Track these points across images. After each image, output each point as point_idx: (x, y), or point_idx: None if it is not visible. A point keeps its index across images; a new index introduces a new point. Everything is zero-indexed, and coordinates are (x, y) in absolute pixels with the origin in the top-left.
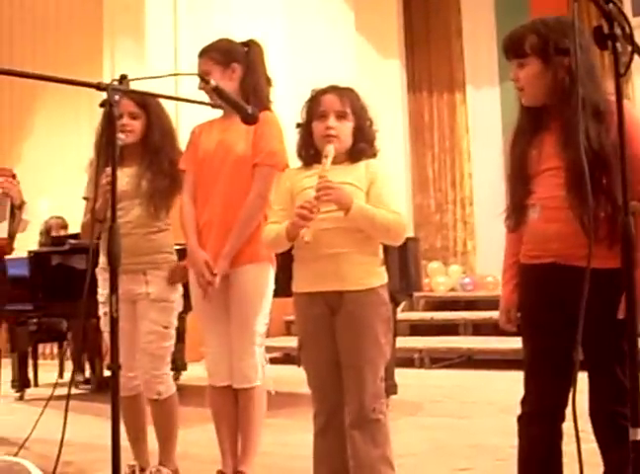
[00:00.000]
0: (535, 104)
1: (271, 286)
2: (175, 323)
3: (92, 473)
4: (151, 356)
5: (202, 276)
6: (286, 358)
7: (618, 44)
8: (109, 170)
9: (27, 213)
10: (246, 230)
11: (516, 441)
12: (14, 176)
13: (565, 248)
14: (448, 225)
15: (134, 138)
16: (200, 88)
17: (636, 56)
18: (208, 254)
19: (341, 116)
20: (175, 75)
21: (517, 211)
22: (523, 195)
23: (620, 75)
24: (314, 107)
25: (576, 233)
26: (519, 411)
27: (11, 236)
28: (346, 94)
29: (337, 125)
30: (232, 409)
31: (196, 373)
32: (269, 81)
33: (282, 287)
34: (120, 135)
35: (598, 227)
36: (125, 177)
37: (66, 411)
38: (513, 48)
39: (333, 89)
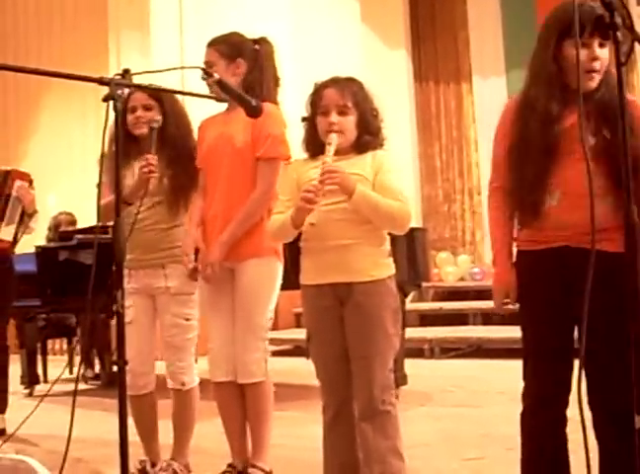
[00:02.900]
0: (592, 88)
1: (277, 280)
2: (196, 314)
3: (101, 469)
4: (175, 349)
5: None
6: (296, 351)
7: (619, 34)
8: (150, 157)
9: (35, 221)
10: (246, 223)
11: None
12: (31, 182)
13: (581, 234)
14: (457, 215)
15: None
16: (203, 79)
17: None
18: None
19: (342, 110)
20: (178, 69)
21: (533, 199)
22: (542, 179)
23: (621, 64)
24: (317, 101)
25: (596, 219)
26: (520, 407)
27: (15, 240)
28: (347, 87)
29: (339, 121)
30: (237, 403)
31: (205, 366)
32: (277, 81)
33: (291, 280)
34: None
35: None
36: None
37: (73, 407)
38: (603, 26)
39: (334, 82)
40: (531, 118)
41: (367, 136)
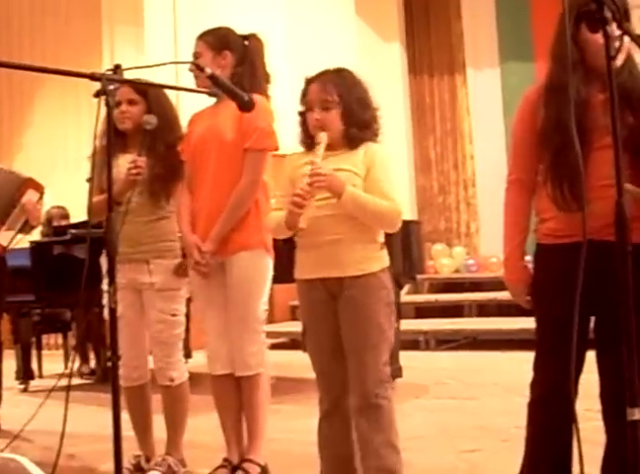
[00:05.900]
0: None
1: (267, 272)
2: (183, 309)
3: (95, 465)
4: (162, 345)
5: (192, 257)
6: (292, 344)
7: (609, 28)
8: (138, 159)
9: (33, 232)
10: (235, 215)
11: (521, 421)
12: (42, 194)
13: (603, 226)
14: (451, 207)
15: (132, 124)
16: (190, 70)
17: None
18: (198, 239)
19: (325, 105)
20: (170, 64)
21: (579, 182)
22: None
23: (611, 58)
24: (303, 97)
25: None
26: (528, 396)
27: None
28: (330, 80)
29: (323, 116)
30: (234, 397)
31: (201, 361)
32: (267, 77)
33: (287, 273)
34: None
35: None
36: (127, 164)
37: (67, 402)
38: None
39: (318, 77)
40: (563, 101)
41: (355, 129)
